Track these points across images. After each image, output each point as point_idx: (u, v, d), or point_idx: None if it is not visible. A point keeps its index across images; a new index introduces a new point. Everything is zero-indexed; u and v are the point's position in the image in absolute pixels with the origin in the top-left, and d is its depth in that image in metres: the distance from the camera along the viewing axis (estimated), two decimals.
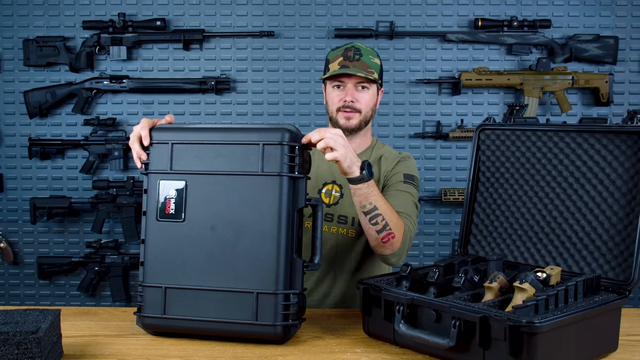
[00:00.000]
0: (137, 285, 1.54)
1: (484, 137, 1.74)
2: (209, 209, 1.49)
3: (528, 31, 3.08)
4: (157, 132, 1.55)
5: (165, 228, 1.51)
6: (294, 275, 1.47)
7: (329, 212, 1.91)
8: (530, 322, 1.21)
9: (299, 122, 3.15)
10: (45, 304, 3.22)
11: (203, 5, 3.17)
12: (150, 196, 1.52)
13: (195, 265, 1.49)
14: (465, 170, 3.09)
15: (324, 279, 1.92)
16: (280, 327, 1.45)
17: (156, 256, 1.51)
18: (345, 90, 1.87)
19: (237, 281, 1.46)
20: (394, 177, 1.90)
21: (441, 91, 3.16)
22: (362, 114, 1.88)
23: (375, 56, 1.92)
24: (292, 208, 1.47)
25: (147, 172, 1.54)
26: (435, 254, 3.20)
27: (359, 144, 1.95)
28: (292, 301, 1.46)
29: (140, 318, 1.53)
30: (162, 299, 1.49)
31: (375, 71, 1.88)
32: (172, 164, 1.52)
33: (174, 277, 1.49)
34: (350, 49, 1.90)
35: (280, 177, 1.46)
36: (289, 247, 1.46)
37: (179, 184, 1.51)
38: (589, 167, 1.55)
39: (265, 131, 1.50)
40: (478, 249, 1.74)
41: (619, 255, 1.48)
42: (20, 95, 3.15)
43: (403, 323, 1.40)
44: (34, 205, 3.09)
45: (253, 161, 1.48)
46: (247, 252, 1.46)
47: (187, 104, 3.18)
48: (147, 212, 1.52)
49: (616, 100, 3.13)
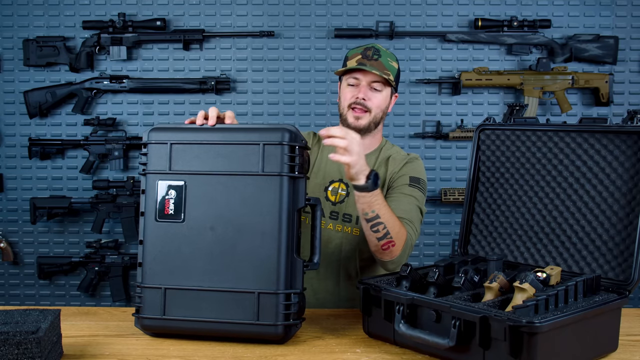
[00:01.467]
0: (136, 287, 1.53)
1: (484, 137, 1.74)
2: (209, 209, 1.49)
3: (528, 31, 3.08)
4: (156, 132, 1.55)
5: (165, 228, 1.50)
6: (295, 275, 1.47)
7: (334, 210, 1.91)
8: (530, 322, 1.21)
9: (299, 122, 3.15)
10: (45, 304, 3.22)
11: (203, 5, 3.17)
12: (148, 196, 1.52)
13: (196, 266, 1.48)
14: (465, 170, 3.09)
15: (330, 277, 1.92)
16: (281, 327, 1.45)
17: (155, 257, 1.51)
18: (359, 88, 1.87)
19: (237, 281, 1.46)
20: (400, 180, 1.89)
21: (441, 91, 3.16)
22: (371, 114, 1.88)
23: (393, 60, 1.92)
24: (292, 208, 1.48)
25: (145, 173, 1.53)
26: (435, 254, 3.20)
27: (368, 145, 1.94)
28: (293, 301, 1.46)
29: (139, 319, 1.52)
30: (161, 300, 1.49)
31: (392, 74, 1.88)
32: (171, 164, 1.52)
33: (173, 278, 1.49)
34: (370, 48, 1.90)
35: (281, 177, 1.47)
36: (290, 247, 1.46)
37: (178, 184, 1.51)
38: (589, 167, 1.55)
39: (265, 131, 1.50)
40: (478, 249, 1.74)
41: (619, 255, 1.48)
42: (20, 95, 3.15)
43: (403, 323, 1.40)
44: (34, 205, 3.09)
45: (253, 161, 1.48)
46: (248, 252, 1.46)
47: (187, 104, 3.18)
48: (146, 213, 1.52)
49: (616, 100, 3.13)
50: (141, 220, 1.52)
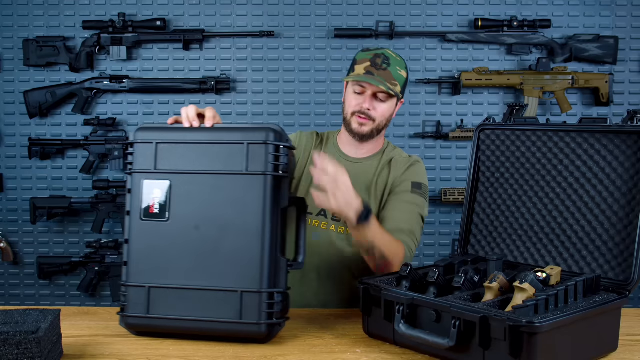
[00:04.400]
0: (120, 285, 1.54)
1: (484, 137, 1.74)
2: (194, 208, 1.50)
3: (528, 31, 3.08)
4: (142, 132, 1.55)
5: (150, 227, 1.51)
6: (278, 274, 1.48)
7: (323, 209, 1.91)
8: (530, 322, 1.21)
9: (299, 122, 3.15)
10: (45, 304, 3.22)
11: (203, 5, 3.17)
12: (134, 196, 1.52)
13: (180, 265, 1.49)
14: (465, 170, 3.09)
15: (332, 278, 1.91)
16: (264, 326, 1.46)
17: (140, 256, 1.51)
18: (364, 97, 1.85)
19: (221, 280, 1.47)
20: (402, 185, 1.89)
21: (441, 91, 3.16)
22: (375, 123, 1.88)
23: (402, 68, 1.88)
24: (276, 207, 1.49)
25: (131, 172, 1.54)
26: (435, 254, 3.20)
27: (371, 148, 1.95)
28: (276, 300, 1.47)
29: (124, 318, 1.53)
30: (146, 299, 1.49)
31: (399, 84, 1.85)
32: (157, 163, 1.52)
33: (158, 277, 1.49)
34: (380, 55, 1.85)
35: (265, 176, 1.47)
36: (274, 246, 1.47)
37: (164, 183, 1.51)
38: (589, 167, 1.55)
39: (249, 131, 1.51)
40: (478, 249, 1.74)
41: (619, 255, 1.48)
42: (20, 95, 3.15)
43: (403, 323, 1.40)
44: (34, 205, 3.10)
45: (238, 160, 1.48)
46: (232, 251, 1.47)
47: (187, 104, 3.14)
48: (131, 212, 1.52)
49: (616, 100, 3.13)
50: (126, 220, 1.53)
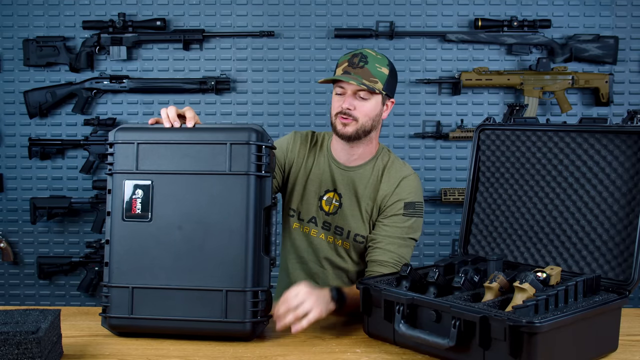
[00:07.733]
0: (102, 286, 1.54)
1: (484, 137, 1.74)
2: (177, 209, 1.50)
3: (528, 31, 3.07)
4: (122, 132, 1.56)
5: (132, 228, 1.51)
6: (262, 273, 1.50)
7: (327, 221, 1.89)
8: (530, 322, 1.22)
9: (299, 122, 3.15)
10: (45, 304, 3.22)
11: (203, 5, 3.17)
12: (115, 196, 1.53)
13: (163, 265, 1.49)
14: (465, 170, 3.09)
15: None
16: (249, 324, 1.47)
17: (122, 256, 1.51)
18: (344, 97, 1.81)
19: (205, 279, 1.48)
20: (393, 207, 1.84)
21: (441, 91, 3.16)
22: (359, 123, 1.80)
23: (383, 65, 1.82)
24: (259, 206, 1.50)
25: (112, 172, 1.54)
26: (435, 254, 3.20)
27: (361, 154, 1.89)
28: (260, 298, 1.48)
29: (106, 319, 1.52)
30: (129, 299, 1.50)
31: (380, 81, 1.79)
32: (138, 163, 1.53)
33: (141, 277, 1.50)
34: (357, 55, 1.81)
35: (248, 176, 1.48)
36: (257, 245, 1.48)
37: (145, 183, 1.52)
38: (589, 167, 1.55)
39: (232, 131, 1.51)
40: (478, 249, 1.74)
41: (619, 255, 1.48)
42: (20, 95, 3.15)
43: (403, 323, 1.40)
44: (34, 205, 3.09)
45: (220, 160, 1.49)
46: (215, 250, 1.48)
47: (187, 104, 3.17)
48: (113, 212, 1.53)
49: (616, 100, 3.13)
50: (108, 220, 1.53)
